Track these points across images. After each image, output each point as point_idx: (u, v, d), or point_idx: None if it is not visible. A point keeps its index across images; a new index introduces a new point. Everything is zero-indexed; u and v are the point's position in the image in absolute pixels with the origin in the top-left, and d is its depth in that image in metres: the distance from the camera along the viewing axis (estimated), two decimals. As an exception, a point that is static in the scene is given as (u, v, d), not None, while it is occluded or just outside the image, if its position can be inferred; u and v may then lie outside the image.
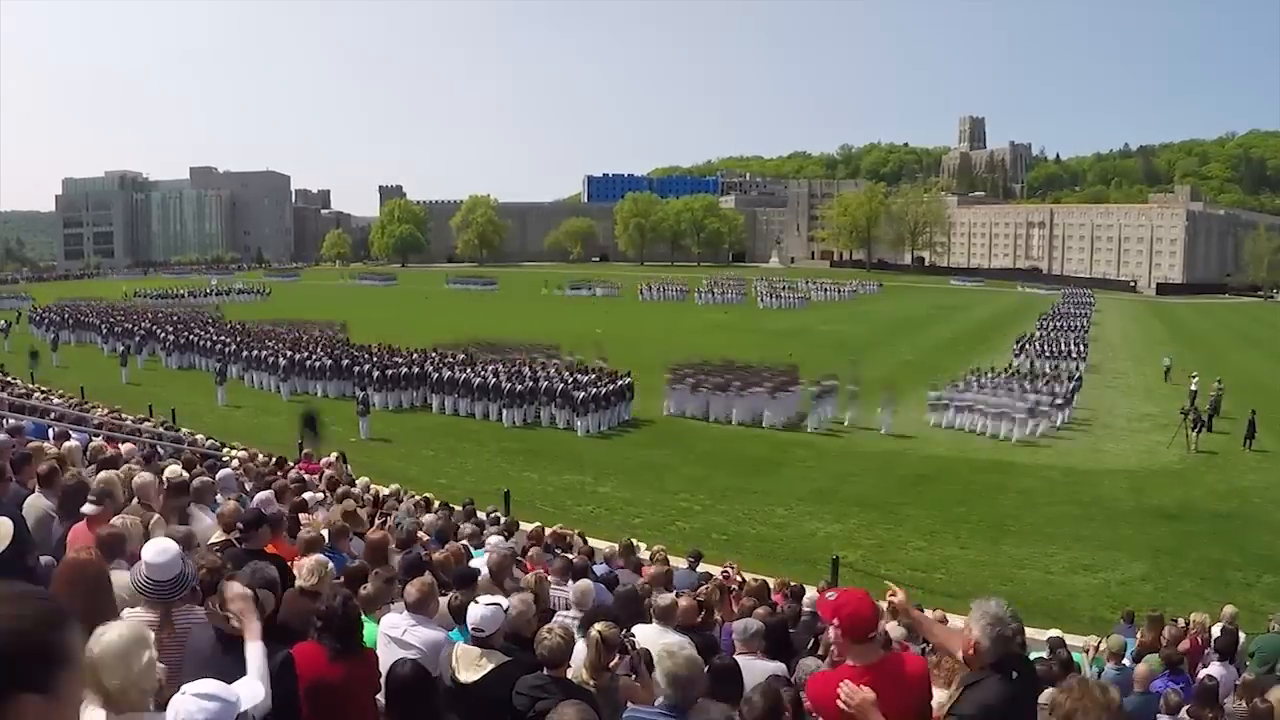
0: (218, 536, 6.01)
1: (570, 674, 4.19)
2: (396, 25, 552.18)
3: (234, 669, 3.13)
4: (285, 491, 9.31)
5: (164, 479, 7.56)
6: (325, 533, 7.02)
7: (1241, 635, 9.15)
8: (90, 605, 3.10)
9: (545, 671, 4.07)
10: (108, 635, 2.44)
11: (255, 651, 3.34)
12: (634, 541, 12.16)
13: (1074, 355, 39.02)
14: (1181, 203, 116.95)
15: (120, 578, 3.87)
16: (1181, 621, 9.13)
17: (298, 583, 4.75)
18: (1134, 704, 6.78)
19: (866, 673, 3.31)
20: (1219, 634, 8.65)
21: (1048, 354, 39.04)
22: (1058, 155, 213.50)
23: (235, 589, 3.55)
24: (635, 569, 9.51)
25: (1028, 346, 40.44)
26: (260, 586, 3.71)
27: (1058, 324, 52.57)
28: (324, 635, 3.89)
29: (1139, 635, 8.98)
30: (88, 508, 5.30)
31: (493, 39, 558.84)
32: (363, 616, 4.34)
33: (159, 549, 3.67)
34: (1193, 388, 28.81)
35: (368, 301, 67.93)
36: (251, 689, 2.83)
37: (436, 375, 27.39)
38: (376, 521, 9.60)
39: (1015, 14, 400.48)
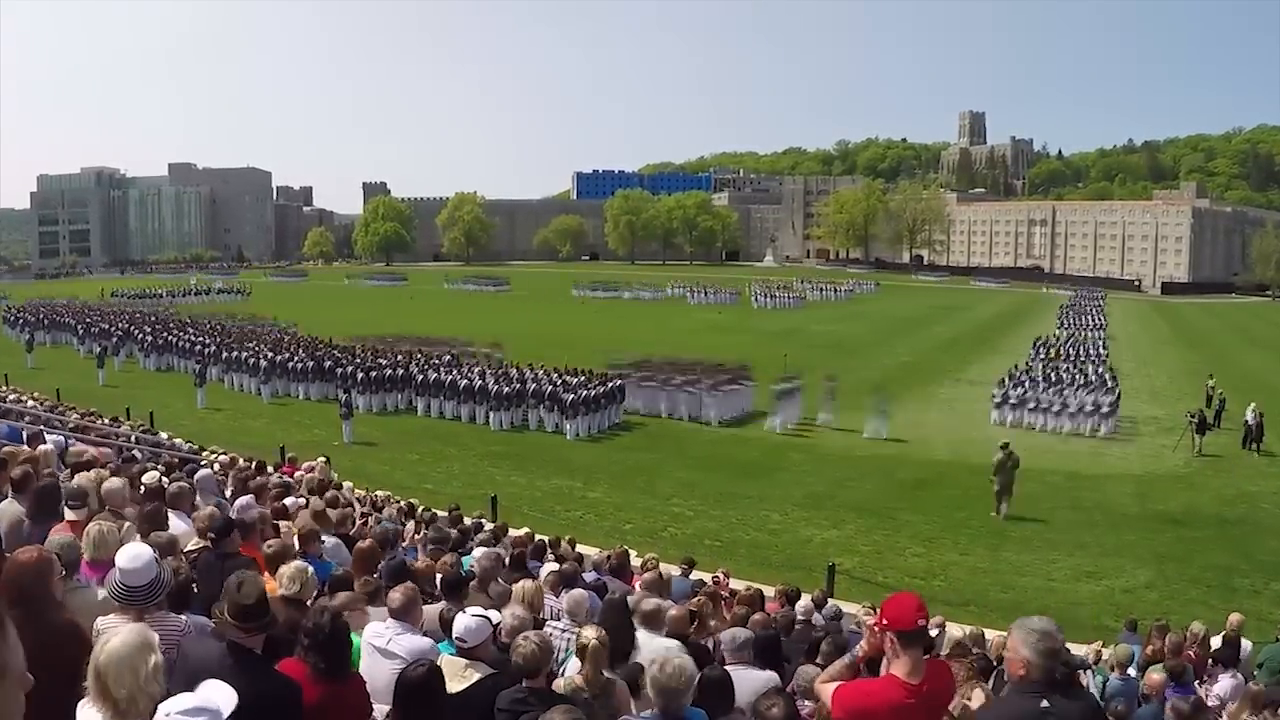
0: (195, 543, 5.94)
1: (561, 684, 4.16)
2: (380, 18, 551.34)
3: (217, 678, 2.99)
4: (265, 495, 9.16)
5: (140, 484, 7.57)
6: (295, 539, 6.83)
7: (1247, 643, 9.03)
8: (35, 604, 3.18)
9: (525, 683, 4.00)
10: (113, 642, 2.44)
11: None
12: (627, 550, 11.85)
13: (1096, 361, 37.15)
14: (1187, 200, 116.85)
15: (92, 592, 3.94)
16: (1187, 631, 8.94)
17: (279, 590, 4.74)
18: (1146, 714, 6.69)
19: (918, 689, 3.26)
20: (1221, 644, 8.62)
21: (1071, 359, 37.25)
22: (1060, 151, 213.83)
23: None
24: (629, 578, 9.27)
25: (1052, 350, 38.67)
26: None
27: (1072, 327, 51.39)
28: (309, 654, 3.71)
29: (1146, 645, 8.79)
30: (68, 514, 5.35)
31: (480, 32, 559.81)
32: (351, 635, 4.11)
33: (132, 555, 3.65)
34: (1208, 390, 28.05)
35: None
36: (223, 692, 2.73)
37: (421, 377, 26.94)
38: (358, 524, 9.52)
39: (1016, 6, 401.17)
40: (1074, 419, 25.56)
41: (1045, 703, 3.05)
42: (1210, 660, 8.43)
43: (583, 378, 26.04)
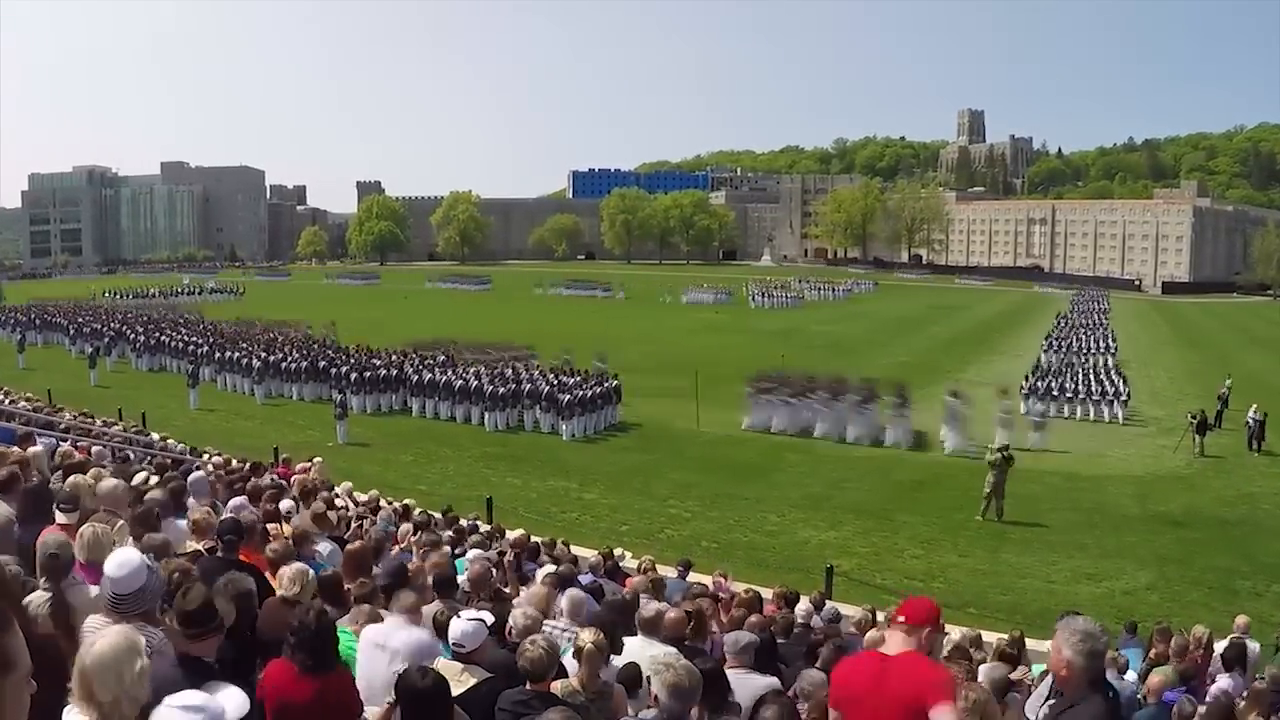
0: (189, 545, 5.91)
1: (558, 686, 4.12)
2: (375, 15, 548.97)
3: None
4: (259, 496, 9.08)
5: (132, 485, 7.47)
6: (290, 541, 6.75)
7: (1253, 645, 8.85)
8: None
9: (529, 686, 3.99)
10: (98, 645, 2.39)
11: None
12: (613, 550, 11.71)
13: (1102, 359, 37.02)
14: (1188, 198, 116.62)
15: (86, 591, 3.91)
16: (1190, 634, 8.77)
17: (279, 592, 4.72)
18: (1147, 715, 6.60)
19: (883, 660, 3.36)
20: (1228, 645, 8.44)
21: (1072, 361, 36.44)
22: (1060, 149, 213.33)
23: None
24: (623, 579, 9.23)
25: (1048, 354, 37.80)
26: (233, 598, 3.61)
27: (1076, 328, 50.71)
28: (296, 651, 3.71)
29: (1150, 648, 8.67)
30: (59, 516, 5.23)
31: (475, 30, 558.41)
32: (339, 630, 4.13)
33: (120, 561, 3.54)
34: (1223, 390, 27.72)
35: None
36: (236, 699, 2.74)
37: (416, 377, 26.74)
38: (353, 526, 9.43)
39: (1016, 4, 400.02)
40: (1095, 405, 27.72)
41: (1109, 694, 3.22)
42: (1211, 663, 8.32)
43: (579, 378, 25.88)
